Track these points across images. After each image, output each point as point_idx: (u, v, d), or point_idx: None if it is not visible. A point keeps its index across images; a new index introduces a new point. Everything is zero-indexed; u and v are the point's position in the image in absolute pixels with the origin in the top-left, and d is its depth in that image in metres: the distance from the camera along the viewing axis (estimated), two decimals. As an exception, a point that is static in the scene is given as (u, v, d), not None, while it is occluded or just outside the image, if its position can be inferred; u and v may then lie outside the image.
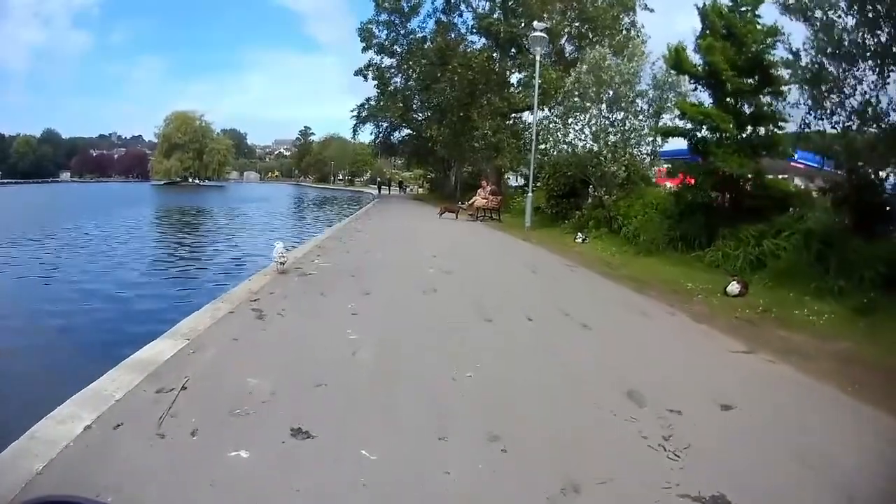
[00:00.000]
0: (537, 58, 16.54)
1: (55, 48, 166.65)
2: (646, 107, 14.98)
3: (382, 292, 6.22)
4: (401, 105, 30.12)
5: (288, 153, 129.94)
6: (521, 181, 29.87)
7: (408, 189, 59.38)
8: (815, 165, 16.43)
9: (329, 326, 4.77)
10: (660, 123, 14.58)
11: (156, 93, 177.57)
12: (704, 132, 10.86)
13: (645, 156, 15.20)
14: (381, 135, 41.07)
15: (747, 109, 10.54)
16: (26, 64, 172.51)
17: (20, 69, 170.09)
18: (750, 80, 10.29)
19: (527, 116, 27.53)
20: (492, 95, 25.34)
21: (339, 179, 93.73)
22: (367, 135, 41.31)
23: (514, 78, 26.95)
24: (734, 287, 7.30)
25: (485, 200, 18.16)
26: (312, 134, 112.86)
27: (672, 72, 13.68)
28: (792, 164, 13.59)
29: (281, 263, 7.23)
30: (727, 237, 9.89)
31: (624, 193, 14.24)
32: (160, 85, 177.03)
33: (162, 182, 78.61)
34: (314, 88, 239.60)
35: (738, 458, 2.73)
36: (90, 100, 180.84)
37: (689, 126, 11.19)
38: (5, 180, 78.73)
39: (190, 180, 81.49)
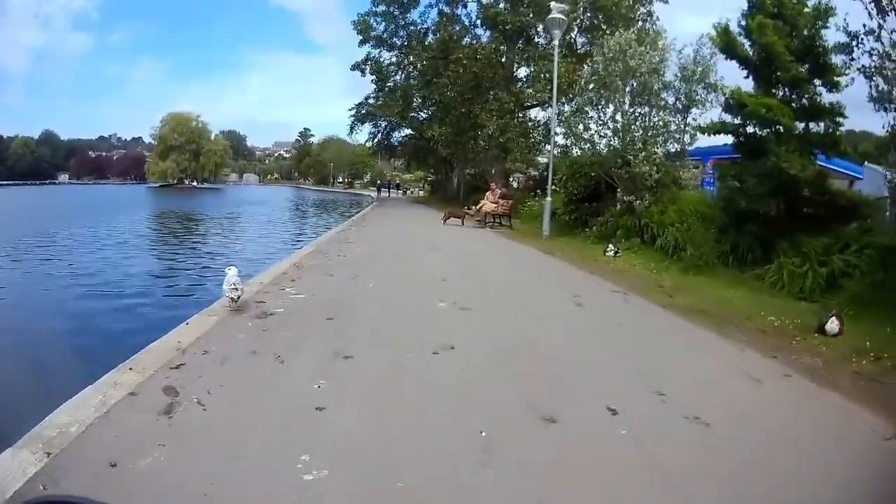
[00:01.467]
0: (555, 42, 14.70)
1: (55, 49, 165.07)
2: (671, 100, 13.16)
3: (371, 353, 4.23)
4: (400, 102, 28.25)
5: (288, 155, 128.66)
6: (518, 183, 28.19)
7: (408, 191, 57.95)
8: (852, 174, 15.28)
9: (273, 443, 2.78)
10: (688, 119, 12.89)
11: (156, 94, 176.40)
12: (754, 128, 9.32)
13: (673, 155, 13.36)
14: (379, 134, 39.46)
15: (799, 102, 8.99)
16: (26, 65, 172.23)
17: (20, 70, 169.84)
18: (803, 68, 8.69)
19: (536, 114, 25.89)
20: (498, 91, 23.51)
21: (339, 182, 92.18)
22: (365, 135, 39.41)
23: (523, 72, 25.12)
24: (833, 325, 5.63)
25: (494, 205, 16.29)
26: (312, 136, 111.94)
27: (700, 61, 12.20)
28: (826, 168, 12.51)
29: (233, 300, 5.34)
30: (787, 252, 8.26)
31: (654, 198, 12.41)
32: (160, 86, 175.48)
33: (157, 184, 77.05)
34: (314, 90, 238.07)
35: None
36: (90, 102, 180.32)
37: (737, 120, 9.59)
38: (1, 182, 77.65)
39: (186, 182, 79.89)
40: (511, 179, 28.23)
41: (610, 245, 11.55)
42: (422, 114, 36.30)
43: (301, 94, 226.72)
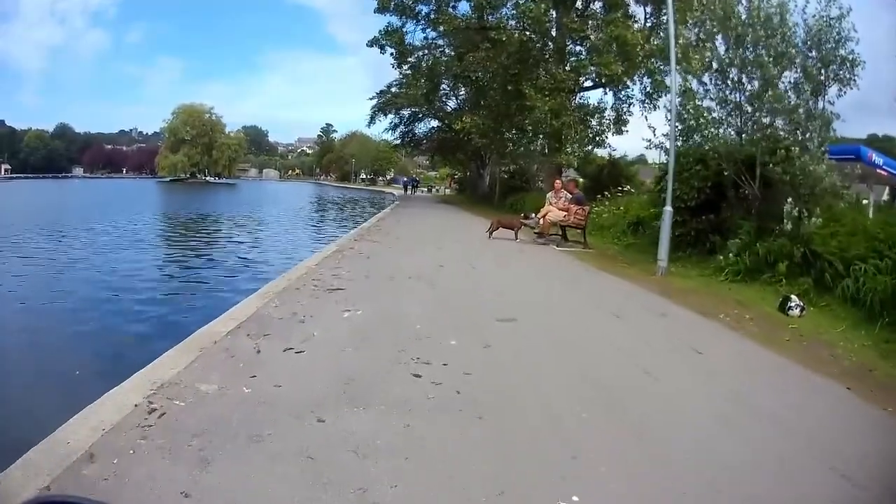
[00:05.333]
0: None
1: (79, 47, 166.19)
2: (794, 76, 8.68)
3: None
4: (425, 82, 23.37)
5: (310, 151, 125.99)
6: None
7: (433, 189, 53.27)
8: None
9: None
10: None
11: (181, 91, 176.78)
12: None
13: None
14: (402, 125, 34.90)
15: None
16: (49, 63, 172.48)
17: (43, 67, 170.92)
18: None
19: (591, 96, 20.87)
20: (550, 64, 18.45)
21: (362, 179, 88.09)
22: (386, 124, 35.09)
23: (577, 48, 19.99)
24: None
25: (563, 212, 11.25)
26: (334, 132, 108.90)
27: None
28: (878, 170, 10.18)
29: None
30: None
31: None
32: (186, 83, 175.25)
33: (168, 179, 73.70)
34: (341, 89, 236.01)
35: None
36: (113, 98, 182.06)
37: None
38: (14, 175, 75.59)
39: (199, 177, 76.37)
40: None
41: (794, 299, 6.46)
42: (449, 103, 31.87)
43: (327, 92, 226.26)
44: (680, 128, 9.62)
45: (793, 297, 6.45)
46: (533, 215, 12.16)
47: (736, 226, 9.06)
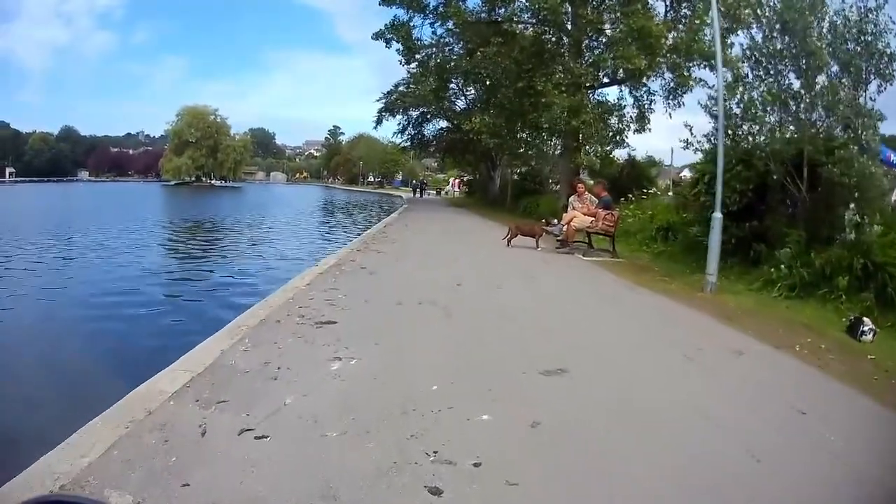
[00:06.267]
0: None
1: (84, 49, 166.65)
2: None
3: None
4: (435, 78, 22.18)
5: (318, 154, 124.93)
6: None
7: (443, 192, 52.10)
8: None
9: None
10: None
11: (187, 93, 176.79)
12: None
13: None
14: (410, 126, 33.73)
15: None
16: (53, 63, 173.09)
17: (47, 68, 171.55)
18: None
19: (609, 94, 19.57)
20: (567, 59, 17.23)
21: (369, 181, 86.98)
22: (394, 126, 34.00)
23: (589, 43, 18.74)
24: None
25: (590, 218, 10.03)
26: (342, 133, 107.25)
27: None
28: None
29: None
30: None
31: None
32: (191, 85, 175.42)
33: (172, 182, 72.59)
34: (347, 89, 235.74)
35: None
36: (119, 100, 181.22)
37: None
38: (18, 179, 74.90)
39: (204, 180, 74.93)
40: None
41: (866, 322, 5.36)
42: (458, 103, 30.67)
43: (335, 93, 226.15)
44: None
45: (865, 320, 5.50)
46: (555, 221, 10.94)
47: (781, 233, 7.96)
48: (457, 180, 50.65)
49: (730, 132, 9.22)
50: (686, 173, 30.12)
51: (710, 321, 5.79)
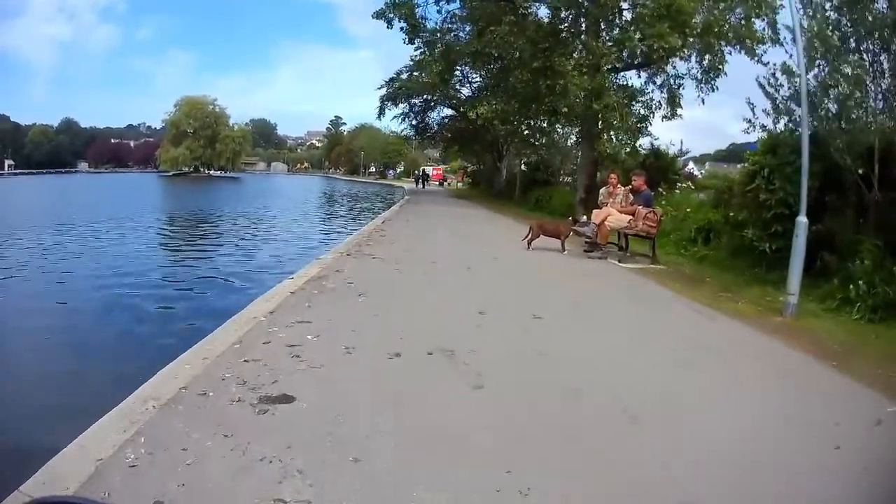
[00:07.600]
0: None
1: (90, 43, 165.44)
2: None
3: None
4: (441, 61, 20.48)
5: (320, 144, 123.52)
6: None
7: (446, 183, 50.62)
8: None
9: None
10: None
11: (190, 85, 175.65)
12: None
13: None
14: (413, 114, 32.05)
15: None
16: (57, 57, 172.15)
17: (51, 62, 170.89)
18: None
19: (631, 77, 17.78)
20: (589, 37, 15.46)
21: (371, 172, 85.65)
22: (397, 113, 32.25)
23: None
24: None
25: (628, 217, 8.34)
26: (343, 124, 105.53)
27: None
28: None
29: None
30: None
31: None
32: (194, 77, 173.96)
33: (170, 173, 71.14)
34: (351, 83, 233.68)
35: None
36: (122, 94, 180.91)
37: None
38: (17, 171, 74.19)
39: (202, 171, 73.56)
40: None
41: None
42: (464, 90, 28.95)
43: (338, 86, 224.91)
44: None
45: None
46: (584, 218, 9.27)
47: (850, 241, 6.58)
48: (439, 169, 50.21)
49: (785, 117, 7.69)
50: (691, 167, 28.52)
51: (815, 365, 4.20)
